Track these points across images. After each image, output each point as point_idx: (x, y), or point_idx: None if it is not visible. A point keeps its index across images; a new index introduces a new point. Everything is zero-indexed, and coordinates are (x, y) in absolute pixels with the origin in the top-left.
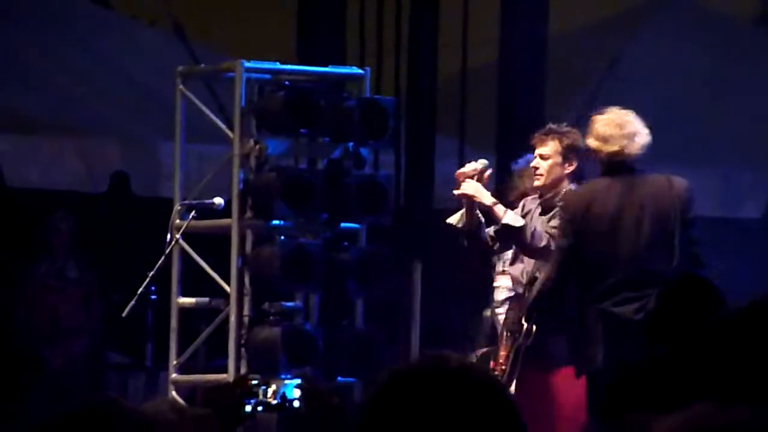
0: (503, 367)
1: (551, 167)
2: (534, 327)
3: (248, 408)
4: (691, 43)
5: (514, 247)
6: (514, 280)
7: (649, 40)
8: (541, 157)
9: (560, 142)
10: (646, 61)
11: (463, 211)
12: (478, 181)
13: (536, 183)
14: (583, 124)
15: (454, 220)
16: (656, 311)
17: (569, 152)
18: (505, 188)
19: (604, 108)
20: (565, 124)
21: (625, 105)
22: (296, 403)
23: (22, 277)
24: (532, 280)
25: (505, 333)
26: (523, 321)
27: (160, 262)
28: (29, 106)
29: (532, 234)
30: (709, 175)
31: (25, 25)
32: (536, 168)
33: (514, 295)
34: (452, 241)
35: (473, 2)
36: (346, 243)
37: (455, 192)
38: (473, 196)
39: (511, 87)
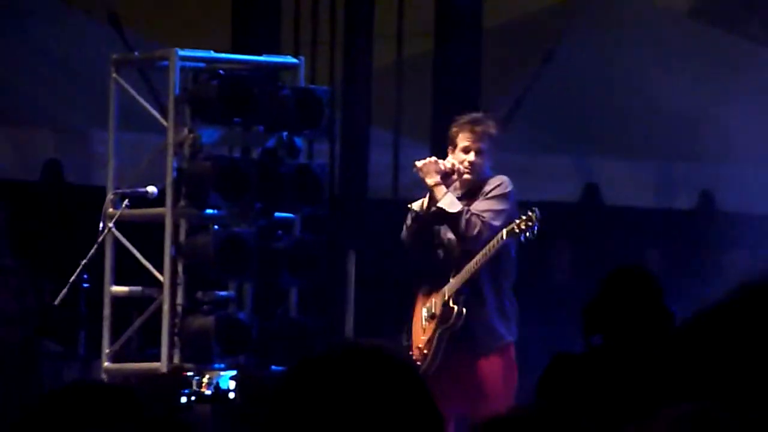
0: (425, 351)
1: (483, 161)
2: (464, 310)
3: (183, 399)
4: (625, 36)
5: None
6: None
7: (585, 32)
8: (477, 152)
9: (491, 136)
10: (581, 54)
11: (425, 198)
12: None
13: (467, 176)
14: (518, 115)
15: (416, 205)
16: (594, 300)
17: (494, 143)
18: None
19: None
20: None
21: (558, 98)
22: (231, 394)
23: None
24: (460, 261)
25: (423, 316)
26: (452, 304)
27: (92, 250)
28: None
29: (467, 221)
30: (644, 166)
31: None
32: (472, 163)
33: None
34: (386, 230)
35: None
36: (280, 232)
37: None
38: (419, 170)
39: (446, 77)
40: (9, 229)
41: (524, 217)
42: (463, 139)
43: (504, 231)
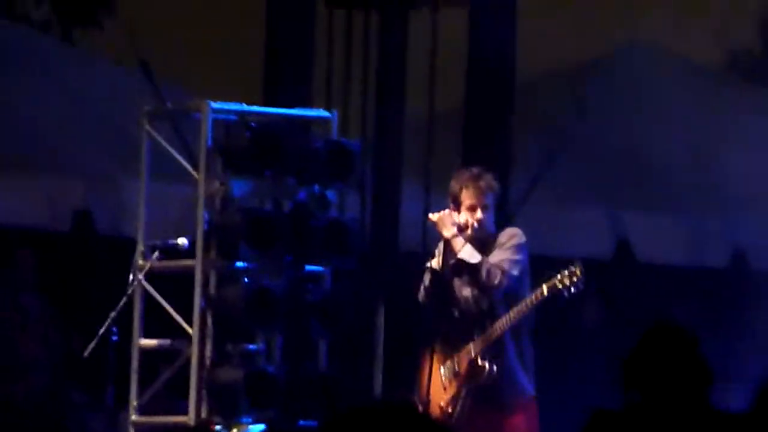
0: (449, 410)
1: (489, 216)
2: (495, 367)
3: None
4: (659, 90)
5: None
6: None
7: (616, 86)
8: (485, 208)
9: (494, 190)
10: (613, 107)
11: (439, 256)
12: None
13: (475, 232)
14: (549, 169)
15: (434, 263)
16: (631, 357)
17: (497, 197)
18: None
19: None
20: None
21: (589, 150)
22: None
23: None
24: (480, 318)
25: (443, 375)
26: (480, 362)
27: (122, 302)
28: None
29: (488, 271)
30: (676, 222)
31: None
32: (480, 220)
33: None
34: (417, 284)
35: (441, 47)
36: (310, 285)
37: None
38: (436, 224)
39: (477, 131)
40: (38, 279)
41: (567, 272)
42: (468, 197)
43: (545, 286)
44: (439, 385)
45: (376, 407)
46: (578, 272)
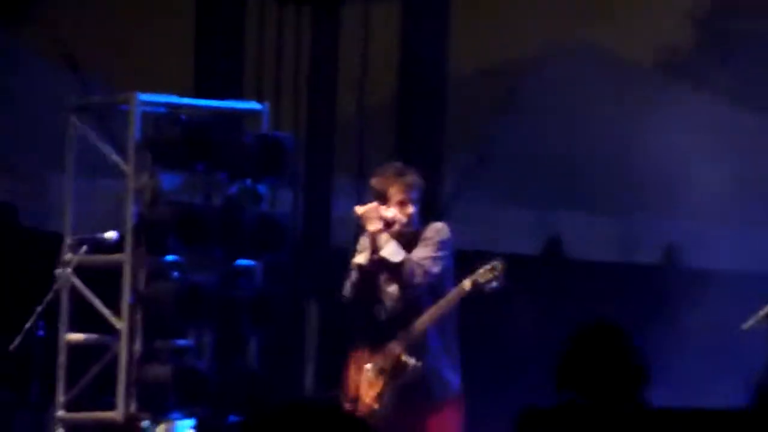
0: (374, 407)
1: (415, 211)
2: (419, 363)
3: None
4: (591, 88)
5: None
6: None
7: (549, 85)
8: (413, 203)
9: (420, 185)
10: (546, 105)
11: (365, 252)
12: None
13: (403, 227)
14: (481, 167)
15: (361, 259)
16: (565, 354)
17: (421, 192)
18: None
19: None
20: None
21: (522, 147)
22: None
23: None
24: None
25: (369, 372)
26: (404, 358)
27: (48, 296)
28: None
29: (411, 270)
30: (610, 222)
31: None
32: (410, 215)
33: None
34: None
35: (373, 41)
36: (241, 280)
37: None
38: (361, 217)
39: (409, 126)
40: None
41: (488, 267)
42: (396, 192)
43: (468, 282)
44: (366, 382)
45: (301, 404)
46: (499, 267)
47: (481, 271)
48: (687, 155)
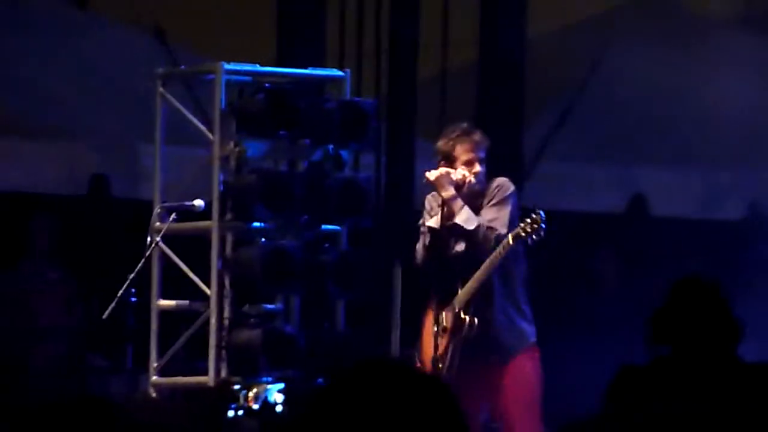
0: (439, 365)
1: (482, 170)
2: (476, 319)
3: (230, 413)
4: (672, 45)
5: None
6: None
7: (631, 42)
8: (481, 162)
9: (486, 144)
10: (627, 63)
11: (436, 215)
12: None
13: (472, 186)
14: (563, 125)
15: (433, 222)
16: (661, 310)
17: (488, 150)
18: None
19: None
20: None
21: (604, 104)
22: (278, 408)
23: (3, 279)
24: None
25: (434, 330)
26: (462, 315)
27: (139, 264)
28: (9, 108)
29: (483, 235)
30: (694, 177)
31: (4, 28)
32: (477, 174)
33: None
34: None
35: (453, 4)
36: (326, 245)
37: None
38: (433, 182)
39: (490, 88)
40: (56, 243)
41: (528, 221)
42: (463, 152)
43: (510, 236)
44: (433, 341)
45: (373, 363)
46: (539, 220)
47: (522, 224)
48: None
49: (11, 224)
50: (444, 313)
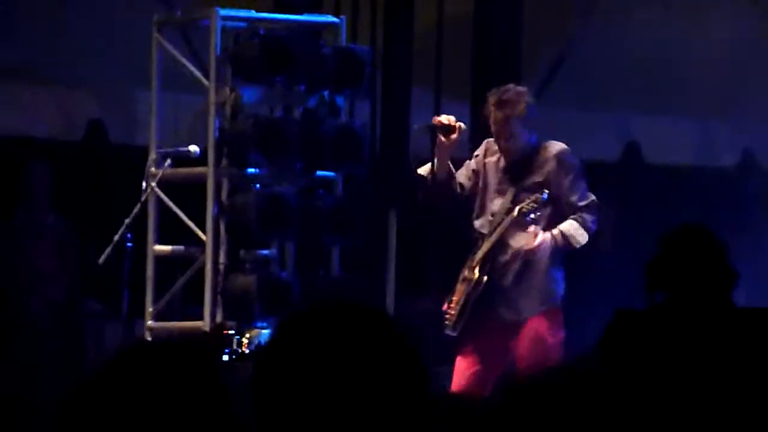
0: (451, 312)
1: (518, 137)
2: (485, 278)
3: (224, 357)
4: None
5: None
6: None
7: None
8: (510, 135)
9: (520, 112)
10: (624, 6)
11: (436, 159)
12: (446, 135)
13: (507, 160)
14: (557, 75)
15: (425, 170)
16: (657, 258)
17: (525, 115)
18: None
19: None
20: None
21: (600, 52)
22: None
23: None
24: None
25: (460, 278)
26: (476, 271)
27: (135, 210)
28: (3, 55)
29: (593, 221)
30: (690, 125)
31: None
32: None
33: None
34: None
35: None
36: (321, 191)
37: (436, 118)
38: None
39: (486, 38)
40: (52, 189)
41: (533, 198)
42: (492, 122)
43: (516, 209)
44: (456, 290)
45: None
46: (540, 201)
47: (526, 201)
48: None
49: (8, 169)
50: (469, 263)
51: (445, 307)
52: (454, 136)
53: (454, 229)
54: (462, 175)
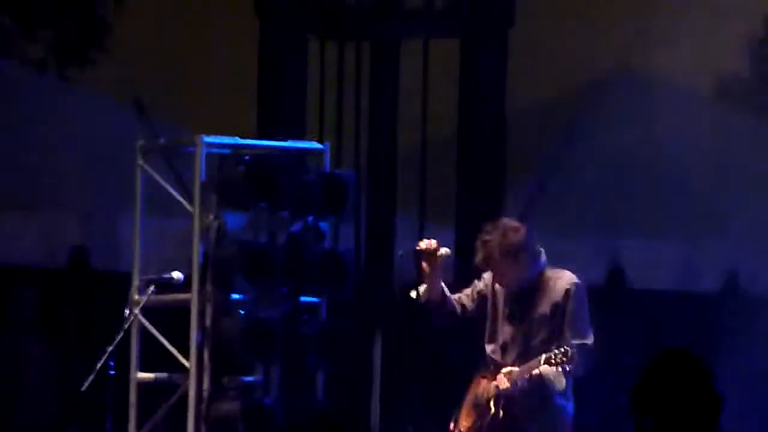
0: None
1: (515, 272)
2: (501, 413)
3: None
4: (647, 117)
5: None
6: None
7: (606, 115)
8: (502, 275)
9: (505, 248)
10: (603, 135)
11: (425, 284)
12: (430, 260)
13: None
14: (539, 198)
15: (415, 294)
16: (642, 383)
17: (515, 250)
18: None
19: None
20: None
21: (582, 176)
22: None
23: None
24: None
25: (471, 402)
26: (492, 404)
27: (118, 336)
28: None
29: (581, 360)
30: (672, 249)
31: None
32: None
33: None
34: (411, 315)
35: (432, 77)
36: (306, 316)
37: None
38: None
39: (470, 161)
40: (37, 316)
41: (560, 351)
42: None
43: (543, 357)
44: (465, 411)
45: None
46: (570, 354)
47: (555, 352)
48: (746, 182)
49: None
50: (483, 389)
51: (451, 428)
52: (438, 261)
53: (439, 354)
54: (466, 296)
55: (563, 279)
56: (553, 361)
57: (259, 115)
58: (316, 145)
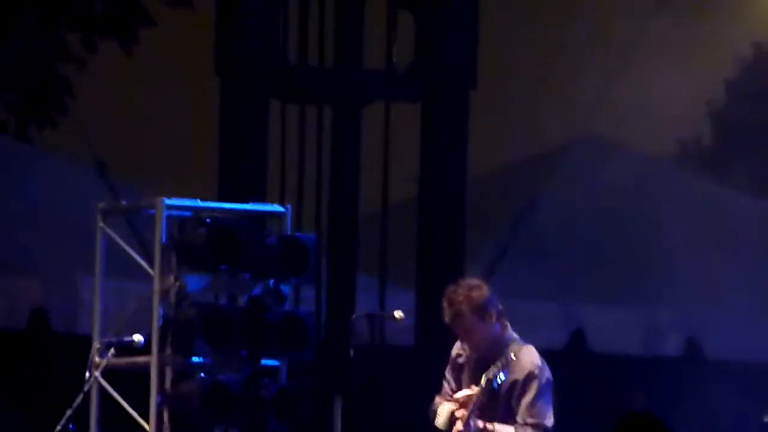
0: None
1: (479, 334)
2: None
3: None
4: (608, 183)
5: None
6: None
7: (566, 180)
8: (468, 332)
9: (465, 307)
10: (562, 200)
11: (448, 410)
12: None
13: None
14: (500, 261)
15: (441, 423)
16: None
17: (480, 309)
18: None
19: None
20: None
21: (542, 241)
22: None
23: None
24: None
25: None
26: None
27: (78, 399)
28: None
29: None
30: (633, 314)
31: None
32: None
33: None
34: (372, 376)
35: (394, 140)
36: (266, 379)
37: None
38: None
39: (431, 224)
40: None
41: (497, 367)
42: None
43: (484, 380)
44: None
45: None
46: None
47: (491, 370)
48: (707, 247)
49: None
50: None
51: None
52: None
53: (398, 415)
54: (450, 373)
55: (525, 360)
56: (489, 376)
57: (220, 177)
58: (277, 207)
